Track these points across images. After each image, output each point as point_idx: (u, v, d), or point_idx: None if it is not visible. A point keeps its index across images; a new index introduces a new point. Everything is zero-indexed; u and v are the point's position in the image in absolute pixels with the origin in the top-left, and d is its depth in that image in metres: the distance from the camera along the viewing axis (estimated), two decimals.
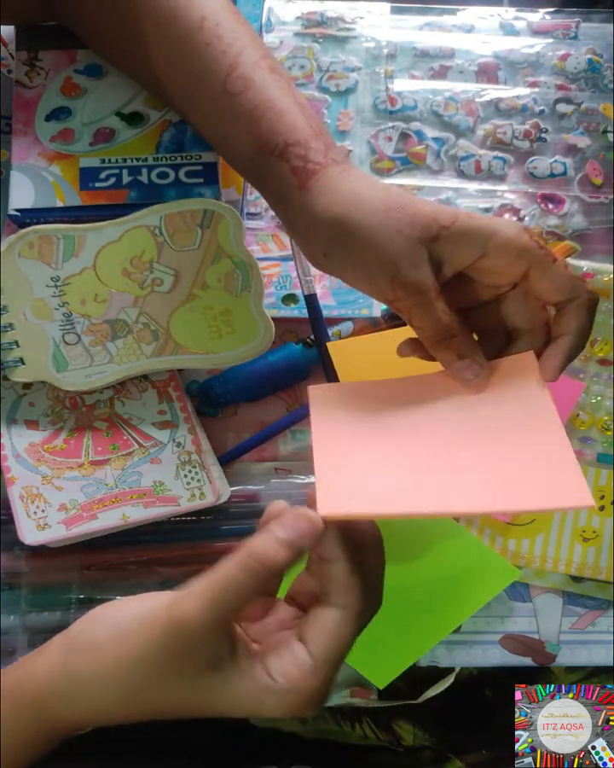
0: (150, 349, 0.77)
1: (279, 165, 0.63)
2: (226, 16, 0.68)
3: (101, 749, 0.89)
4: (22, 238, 0.75)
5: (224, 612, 0.48)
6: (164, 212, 0.76)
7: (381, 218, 0.58)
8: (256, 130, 0.64)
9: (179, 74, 0.70)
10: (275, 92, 0.65)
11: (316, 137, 0.63)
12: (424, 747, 0.93)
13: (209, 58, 0.66)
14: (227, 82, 0.65)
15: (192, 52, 0.67)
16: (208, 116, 0.69)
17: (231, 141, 0.68)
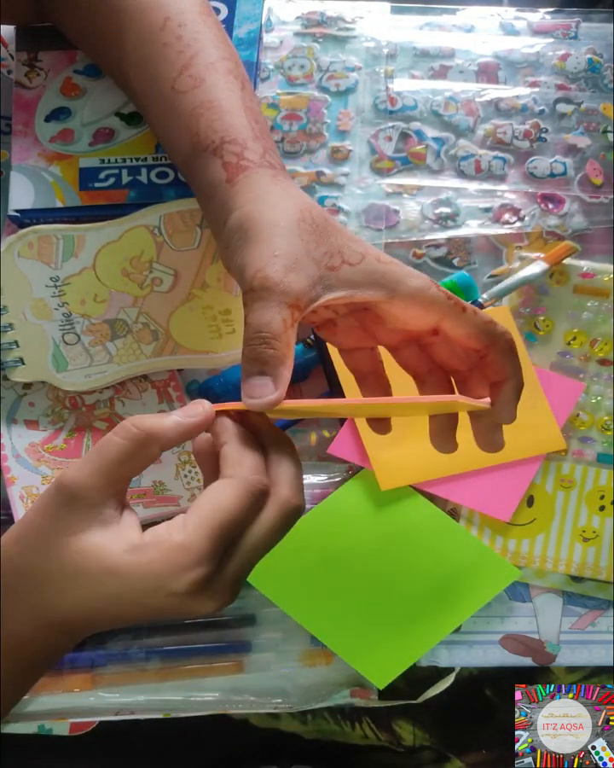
0: (150, 349, 0.77)
1: (212, 160, 0.62)
2: (191, 17, 0.68)
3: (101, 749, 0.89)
4: (22, 238, 0.76)
5: (102, 469, 0.49)
6: (163, 212, 0.76)
7: (290, 222, 0.56)
8: (194, 127, 0.64)
9: (139, 75, 0.69)
10: (223, 93, 0.64)
11: (256, 139, 0.63)
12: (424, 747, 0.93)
13: (164, 59, 0.66)
14: (176, 81, 0.65)
15: (151, 53, 0.67)
16: (157, 116, 0.69)
17: (172, 139, 0.67)
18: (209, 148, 0.62)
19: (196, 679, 0.82)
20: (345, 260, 0.56)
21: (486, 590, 0.82)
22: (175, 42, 0.66)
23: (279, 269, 0.53)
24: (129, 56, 0.70)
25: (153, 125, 0.72)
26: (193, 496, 0.78)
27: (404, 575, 0.81)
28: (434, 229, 0.86)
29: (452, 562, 0.82)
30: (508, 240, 0.86)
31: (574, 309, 0.84)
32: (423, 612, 0.81)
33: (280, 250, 0.53)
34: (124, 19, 0.69)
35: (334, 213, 0.85)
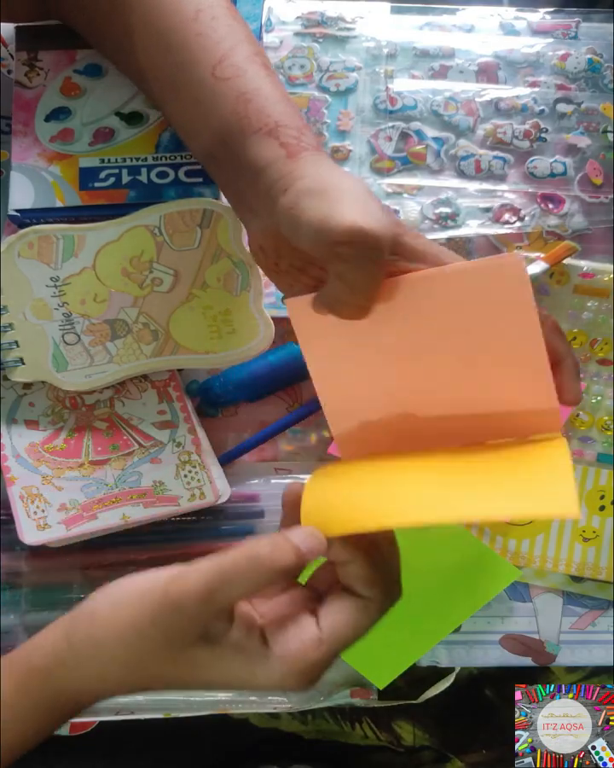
0: (150, 349, 0.77)
1: (266, 140, 0.61)
2: (223, 12, 0.68)
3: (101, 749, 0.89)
4: (22, 238, 0.75)
5: (221, 599, 0.49)
6: (163, 212, 0.76)
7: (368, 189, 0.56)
8: (243, 111, 0.63)
9: (166, 63, 0.69)
10: (267, 84, 0.64)
11: (309, 130, 0.63)
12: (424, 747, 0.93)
13: (200, 47, 0.66)
14: (217, 68, 0.65)
15: (183, 42, 0.66)
16: (191, 101, 0.68)
17: (208, 123, 0.66)
18: (262, 130, 0.62)
19: None
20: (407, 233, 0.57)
21: (486, 590, 0.82)
22: (210, 33, 0.66)
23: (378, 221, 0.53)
24: (149, 44, 0.69)
25: (180, 110, 0.71)
26: (193, 496, 0.78)
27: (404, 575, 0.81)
28: (434, 229, 0.86)
29: (452, 562, 0.82)
30: (508, 240, 0.86)
31: (574, 309, 0.84)
32: (423, 612, 0.81)
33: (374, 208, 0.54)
34: (152, 11, 0.68)
35: None
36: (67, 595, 0.79)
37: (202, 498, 0.78)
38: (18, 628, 0.79)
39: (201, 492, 0.78)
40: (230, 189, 0.67)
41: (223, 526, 0.82)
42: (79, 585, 0.80)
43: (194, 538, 0.82)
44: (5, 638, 0.78)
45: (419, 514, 0.52)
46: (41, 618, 0.79)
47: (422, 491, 0.54)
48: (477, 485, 0.53)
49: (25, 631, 0.79)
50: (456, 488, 0.53)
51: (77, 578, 0.80)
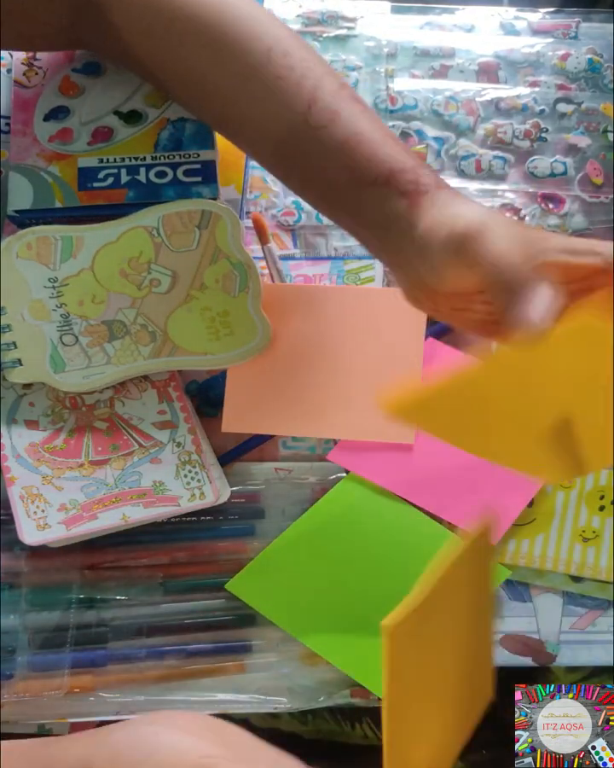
0: (148, 350, 0.77)
1: (384, 192, 0.59)
2: (292, 43, 0.65)
3: None
4: (20, 239, 0.75)
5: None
6: (162, 213, 0.76)
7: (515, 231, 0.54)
8: (351, 162, 0.61)
9: (247, 112, 0.66)
10: (365, 124, 0.62)
11: (422, 165, 0.61)
12: None
13: (283, 92, 0.63)
14: (310, 115, 0.62)
15: (263, 88, 0.64)
16: (288, 154, 0.66)
17: (319, 173, 0.64)
18: (378, 181, 0.60)
19: (196, 679, 0.82)
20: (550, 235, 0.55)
21: None
22: (288, 73, 0.63)
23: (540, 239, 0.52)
24: (228, 93, 0.67)
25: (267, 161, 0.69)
26: (193, 496, 0.78)
27: (394, 581, 0.81)
28: None
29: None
30: None
31: None
32: None
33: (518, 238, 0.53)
34: (218, 54, 0.65)
35: None
36: (67, 595, 0.79)
37: (202, 498, 0.78)
38: (18, 628, 0.79)
39: (201, 492, 0.78)
40: (364, 242, 0.66)
41: (222, 526, 0.82)
42: (79, 585, 0.80)
43: (194, 538, 0.82)
44: (5, 638, 0.78)
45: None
46: (41, 618, 0.79)
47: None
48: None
49: (24, 631, 0.79)
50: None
51: (77, 578, 0.80)
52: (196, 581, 0.80)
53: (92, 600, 0.80)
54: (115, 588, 0.80)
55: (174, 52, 0.68)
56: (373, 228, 0.62)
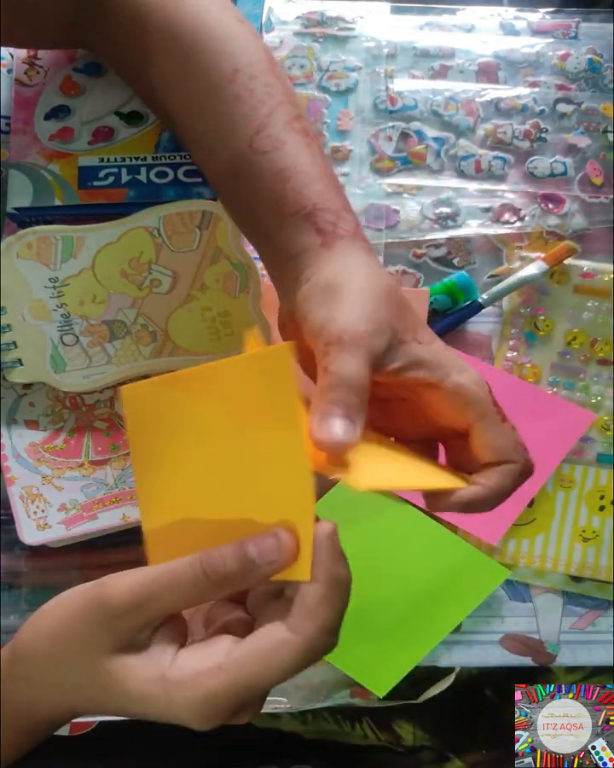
0: (148, 350, 0.77)
1: (303, 224, 0.59)
2: (262, 68, 0.64)
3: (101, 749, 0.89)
4: (21, 239, 0.75)
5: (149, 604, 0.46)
6: (162, 214, 0.76)
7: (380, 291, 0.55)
8: (281, 190, 0.61)
9: (205, 129, 0.66)
10: (306, 158, 0.61)
11: (347, 212, 0.61)
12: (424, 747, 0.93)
13: (238, 113, 0.63)
14: (255, 140, 0.62)
15: (221, 107, 0.64)
16: (228, 173, 0.65)
17: (246, 194, 0.64)
18: (300, 213, 0.60)
19: None
20: (416, 338, 0.54)
21: (477, 591, 0.81)
22: (247, 96, 0.63)
23: (368, 329, 0.51)
24: (190, 106, 0.67)
25: (213, 177, 0.69)
26: None
27: (394, 582, 0.81)
28: (434, 229, 0.86)
29: (440, 566, 0.81)
30: (508, 240, 0.86)
31: (574, 309, 0.84)
32: (416, 617, 0.81)
33: (370, 313, 0.52)
34: (187, 67, 0.66)
35: None
36: None
37: None
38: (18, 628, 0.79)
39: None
40: (267, 262, 0.65)
41: None
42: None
43: None
44: (5, 638, 0.78)
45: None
46: None
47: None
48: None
49: None
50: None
51: (77, 578, 0.80)
52: None
53: None
54: None
55: (148, 60, 0.68)
56: (280, 253, 0.62)
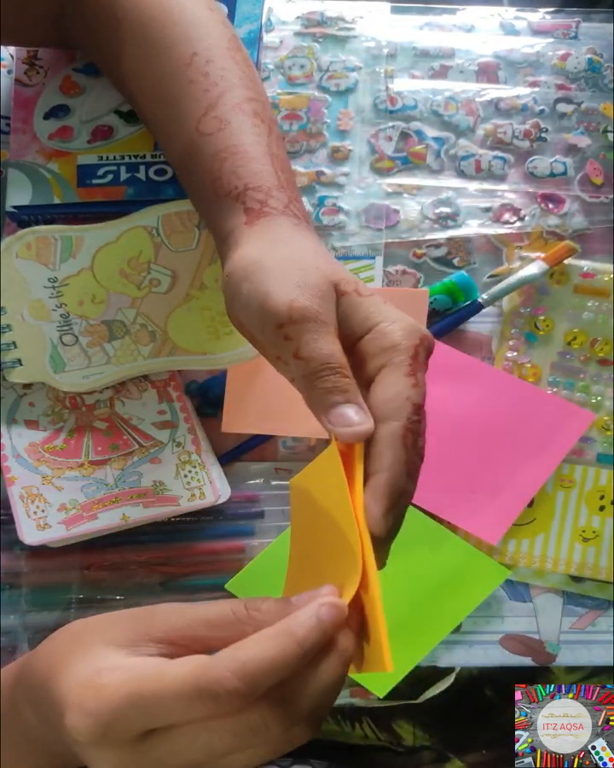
0: (148, 350, 0.77)
1: (234, 205, 0.60)
2: (220, 53, 0.65)
3: None
4: (20, 239, 0.76)
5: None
6: (161, 213, 0.76)
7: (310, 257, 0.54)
8: (217, 171, 0.61)
9: (163, 113, 0.67)
10: (248, 138, 0.62)
11: (281, 189, 0.60)
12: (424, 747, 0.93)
13: (189, 97, 0.64)
14: (201, 121, 0.63)
15: (176, 91, 0.65)
16: (179, 156, 0.66)
17: (193, 181, 0.65)
18: (231, 194, 0.60)
19: None
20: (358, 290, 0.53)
21: (477, 591, 0.81)
22: (201, 79, 0.64)
23: (313, 299, 0.51)
24: (152, 92, 0.68)
25: (173, 164, 0.70)
26: (193, 496, 0.78)
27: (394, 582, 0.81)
28: (434, 229, 0.86)
29: (440, 566, 0.81)
30: (508, 240, 0.86)
31: (574, 309, 0.84)
32: (416, 618, 0.81)
33: (307, 281, 0.52)
34: (150, 53, 0.67)
35: (334, 213, 0.85)
36: (67, 595, 0.79)
37: (202, 498, 0.78)
38: (18, 628, 0.79)
39: (201, 492, 0.78)
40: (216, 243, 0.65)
41: (222, 526, 0.82)
42: (79, 585, 0.80)
43: (194, 538, 0.81)
44: (5, 638, 0.78)
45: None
46: (41, 618, 0.79)
47: None
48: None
49: (24, 631, 0.79)
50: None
51: (77, 578, 0.80)
52: (196, 581, 0.80)
53: (92, 600, 0.79)
54: (115, 588, 0.80)
55: (120, 48, 0.69)
56: (217, 236, 0.62)
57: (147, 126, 0.75)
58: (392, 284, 0.85)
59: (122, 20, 0.68)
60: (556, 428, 0.83)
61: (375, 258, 0.85)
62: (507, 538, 0.83)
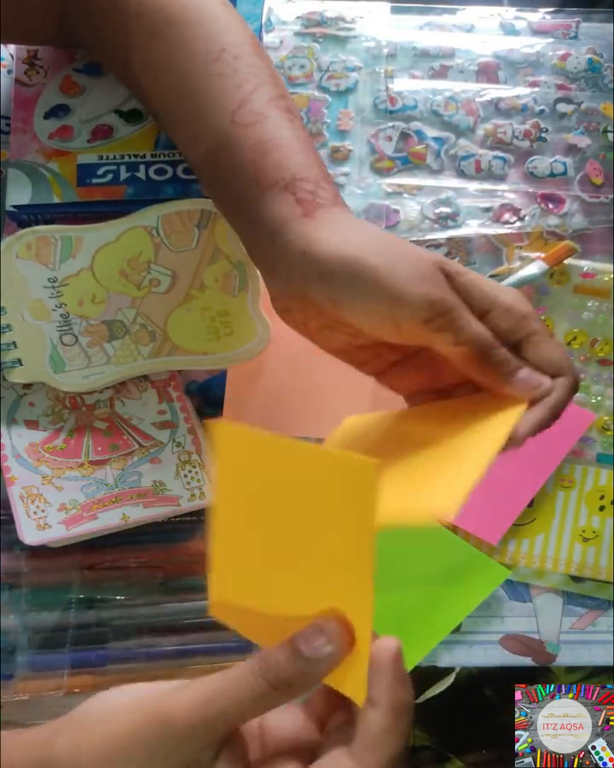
0: (147, 350, 0.77)
1: (282, 195, 0.59)
2: (247, 50, 0.65)
3: None
4: (20, 239, 0.76)
5: (215, 720, 0.43)
6: (161, 213, 0.76)
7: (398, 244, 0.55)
8: (259, 162, 0.60)
9: (185, 109, 0.66)
10: (288, 132, 0.61)
11: (327, 181, 0.60)
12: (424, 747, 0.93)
13: (221, 90, 0.63)
14: (237, 113, 0.62)
15: (205, 85, 0.64)
16: (208, 152, 0.65)
17: (228, 172, 0.63)
18: (278, 184, 0.59)
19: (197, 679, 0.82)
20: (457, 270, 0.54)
21: (477, 591, 0.81)
22: (231, 74, 0.63)
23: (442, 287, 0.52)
24: (174, 86, 0.67)
25: (197, 159, 0.68)
26: (193, 496, 0.78)
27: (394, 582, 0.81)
28: (434, 229, 0.86)
29: (440, 566, 0.81)
30: (508, 240, 0.86)
31: (574, 309, 0.84)
32: (417, 619, 0.81)
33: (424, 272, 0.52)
34: (172, 48, 0.66)
35: None
36: (67, 595, 0.79)
37: (202, 498, 0.78)
38: (18, 628, 0.79)
39: (201, 492, 0.78)
40: (249, 245, 0.65)
41: None
42: (79, 585, 0.80)
43: (194, 537, 0.81)
44: (5, 638, 0.78)
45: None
46: (41, 618, 0.79)
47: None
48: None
49: (24, 631, 0.79)
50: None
51: (77, 578, 0.80)
52: (196, 581, 0.80)
53: (92, 600, 0.79)
54: (115, 588, 0.80)
55: (129, 44, 0.69)
56: (263, 229, 0.61)
57: (162, 122, 0.73)
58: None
59: (134, 16, 0.67)
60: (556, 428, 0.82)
61: None
62: (507, 538, 0.83)
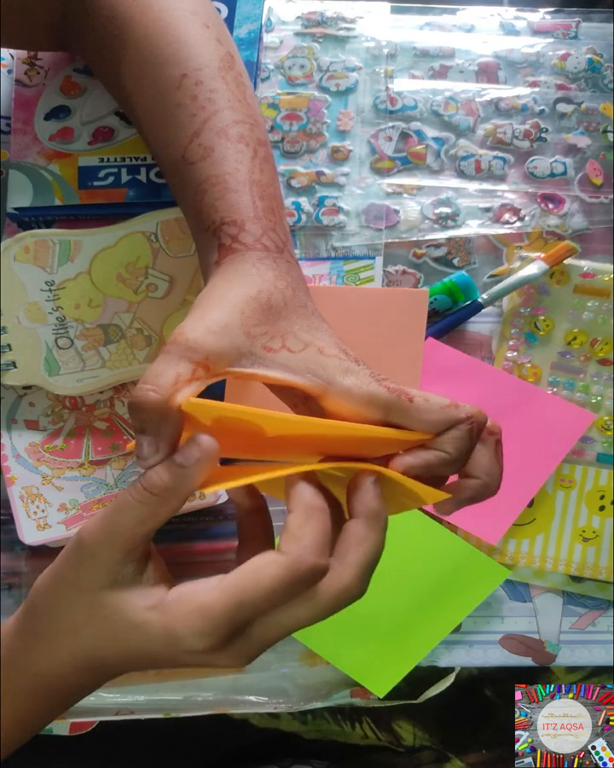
0: (143, 354, 0.77)
1: (211, 240, 0.59)
2: (210, 73, 0.63)
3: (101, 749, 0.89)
4: (18, 242, 0.76)
5: (117, 531, 0.48)
6: (160, 219, 0.76)
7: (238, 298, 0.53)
8: (198, 204, 0.60)
9: (154, 138, 0.66)
10: (230, 167, 0.60)
11: (256, 220, 0.58)
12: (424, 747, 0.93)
13: (177, 122, 0.62)
14: (187, 150, 0.61)
15: (164, 115, 0.63)
16: (171, 184, 0.66)
17: (183, 210, 0.64)
18: (210, 229, 0.59)
19: (196, 679, 0.82)
20: (285, 345, 0.53)
21: (477, 591, 0.82)
22: (188, 103, 0.62)
23: (198, 329, 0.50)
24: (144, 114, 0.66)
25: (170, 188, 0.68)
26: (193, 496, 0.78)
27: (394, 582, 0.81)
28: (434, 229, 0.86)
29: (441, 566, 0.82)
30: (508, 240, 0.86)
31: (574, 309, 0.84)
32: (417, 618, 0.81)
33: (211, 316, 0.51)
34: (145, 72, 0.65)
35: (334, 213, 0.85)
36: None
37: (202, 498, 0.78)
38: None
39: (201, 492, 0.78)
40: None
41: (222, 526, 0.82)
42: None
43: (194, 537, 0.81)
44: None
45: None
46: None
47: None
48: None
49: None
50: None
51: None
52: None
53: None
54: None
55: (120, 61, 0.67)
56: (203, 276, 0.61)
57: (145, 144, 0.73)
58: (392, 284, 0.85)
59: (118, 38, 0.66)
60: (556, 428, 0.83)
61: (375, 258, 0.85)
62: (507, 537, 0.83)
